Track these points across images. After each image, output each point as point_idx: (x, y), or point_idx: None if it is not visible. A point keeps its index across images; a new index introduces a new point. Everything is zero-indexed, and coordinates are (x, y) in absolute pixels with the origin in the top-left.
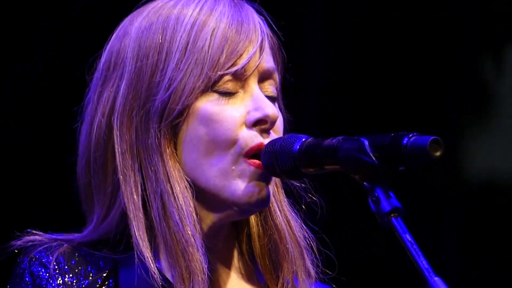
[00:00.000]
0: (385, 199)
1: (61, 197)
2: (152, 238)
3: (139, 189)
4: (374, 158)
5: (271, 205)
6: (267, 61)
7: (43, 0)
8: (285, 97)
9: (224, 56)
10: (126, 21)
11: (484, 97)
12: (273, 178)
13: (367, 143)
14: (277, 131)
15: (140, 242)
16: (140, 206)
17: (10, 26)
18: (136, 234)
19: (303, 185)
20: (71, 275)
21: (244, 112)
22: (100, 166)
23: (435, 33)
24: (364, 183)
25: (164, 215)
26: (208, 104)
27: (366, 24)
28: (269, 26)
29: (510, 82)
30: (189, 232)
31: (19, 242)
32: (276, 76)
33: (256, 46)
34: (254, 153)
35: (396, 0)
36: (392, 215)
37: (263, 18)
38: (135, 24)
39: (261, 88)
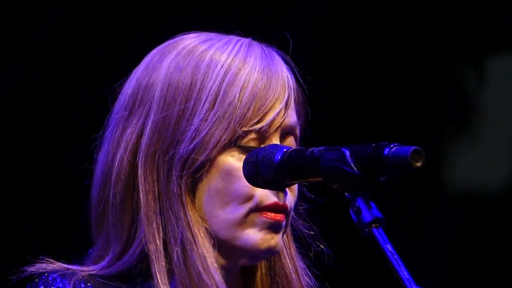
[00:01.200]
0: (366, 210)
1: (61, 197)
2: (172, 280)
3: (161, 231)
4: (355, 169)
5: (280, 252)
6: (291, 116)
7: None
8: None
9: (251, 112)
10: (156, 54)
11: (467, 108)
12: (286, 227)
13: (348, 154)
14: (293, 189)
15: (161, 285)
16: (162, 248)
17: (10, 26)
18: (158, 277)
19: (311, 232)
20: None
21: None
22: (119, 202)
23: (416, 44)
24: (345, 193)
25: (184, 262)
26: (231, 159)
27: (345, 40)
28: (295, 78)
29: (492, 93)
30: (214, 280)
31: (31, 269)
32: (297, 130)
33: (283, 103)
34: (267, 209)
35: (372, 14)
36: (373, 225)
37: (290, 70)
38: (165, 62)
39: (285, 139)
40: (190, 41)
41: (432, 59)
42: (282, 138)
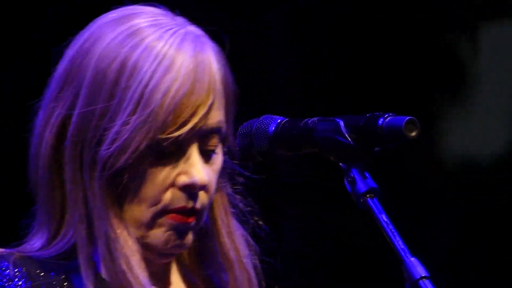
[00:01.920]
0: (361, 180)
1: None
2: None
3: (85, 222)
4: (349, 139)
5: (218, 232)
6: (214, 118)
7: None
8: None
9: (171, 119)
10: (94, 32)
11: (461, 77)
12: (197, 225)
13: (343, 124)
14: (210, 189)
15: (85, 274)
16: (86, 238)
17: (9, 25)
18: (82, 267)
19: (249, 208)
20: (27, 280)
21: (175, 174)
22: (47, 185)
23: (411, 12)
24: (340, 164)
25: (110, 257)
26: (146, 163)
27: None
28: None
29: (486, 61)
30: (138, 279)
31: None
32: (223, 127)
33: (206, 109)
34: (176, 211)
35: None
36: (367, 195)
37: (221, 61)
38: (101, 43)
39: (203, 144)
40: (132, 22)
41: (426, 27)
42: (202, 140)
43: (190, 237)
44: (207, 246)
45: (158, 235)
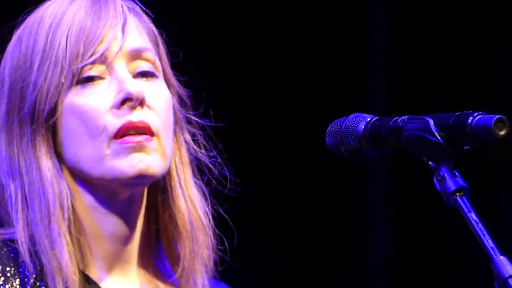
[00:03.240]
0: (451, 178)
1: None
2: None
3: (20, 195)
4: (439, 138)
5: (173, 186)
6: (133, 42)
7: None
8: None
9: (82, 47)
10: (20, 28)
11: None
12: (161, 146)
13: (432, 122)
14: (154, 107)
15: (22, 249)
16: (22, 213)
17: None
18: (19, 241)
19: (212, 159)
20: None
21: (112, 96)
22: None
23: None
24: (430, 162)
25: (40, 220)
26: (75, 97)
27: None
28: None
29: None
30: (55, 231)
31: None
32: (150, 53)
33: (116, 29)
34: (124, 132)
35: None
36: (457, 194)
37: (131, 5)
38: (15, 35)
39: (132, 68)
40: (38, 13)
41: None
42: (131, 62)
43: (154, 161)
44: (162, 202)
45: (118, 163)
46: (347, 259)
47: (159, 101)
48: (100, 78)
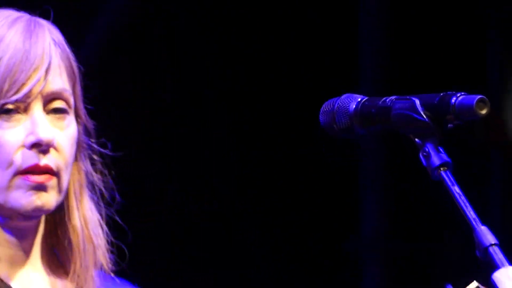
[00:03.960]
0: (435, 154)
1: None
2: None
3: None
4: (424, 116)
5: (70, 206)
6: (53, 84)
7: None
8: None
9: (7, 85)
10: None
11: None
12: (59, 184)
13: (418, 102)
14: (60, 149)
15: None
16: None
17: None
18: None
19: (106, 183)
20: None
21: (23, 135)
22: None
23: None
24: (416, 139)
25: None
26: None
27: None
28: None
29: None
30: None
31: None
32: (66, 93)
33: (41, 72)
34: (29, 171)
35: None
36: (441, 168)
37: (58, 38)
38: None
39: (47, 106)
40: None
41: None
42: (48, 103)
43: (51, 198)
44: (59, 219)
45: (18, 196)
46: (341, 230)
47: (65, 140)
48: (17, 112)
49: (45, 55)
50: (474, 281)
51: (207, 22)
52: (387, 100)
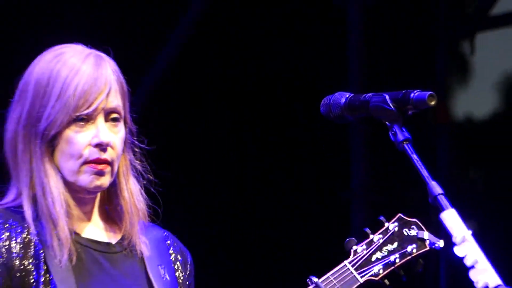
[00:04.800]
0: (400, 132)
1: None
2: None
3: (29, 179)
4: (392, 107)
5: (119, 182)
6: (112, 103)
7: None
8: None
9: (81, 102)
10: (35, 60)
11: (463, 65)
12: (112, 170)
13: (388, 97)
14: (114, 147)
15: (27, 211)
16: (30, 191)
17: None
18: (25, 207)
19: (144, 168)
20: (7, 226)
21: (90, 137)
22: (12, 156)
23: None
24: (386, 123)
25: (43, 197)
26: (70, 132)
27: None
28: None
29: (482, 57)
30: (57, 209)
31: None
32: (120, 108)
33: (104, 95)
34: (94, 161)
35: None
36: (404, 142)
37: (116, 69)
38: (36, 67)
39: (108, 117)
40: (55, 52)
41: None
42: (107, 116)
43: (106, 180)
44: (113, 191)
45: (85, 178)
46: (336, 184)
47: (118, 141)
48: (87, 121)
49: (107, 82)
50: (399, 214)
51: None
52: (367, 96)
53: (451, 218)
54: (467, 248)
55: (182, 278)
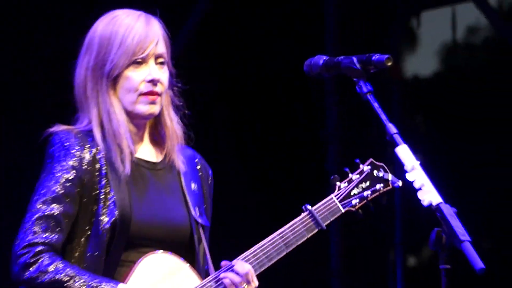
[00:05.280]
0: (365, 86)
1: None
2: (103, 133)
3: (96, 110)
4: (358, 66)
5: (163, 113)
6: (160, 49)
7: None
8: None
9: (137, 49)
10: (95, 23)
11: (412, 36)
12: (161, 101)
13: (355, 59)
14: (162, 83)
15: (96, 134)
16: (97, 119)
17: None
18: (95, 132)
19: (180, 103)
20: (82, 144)
21: (145, 75)
22: (82, 94)
23: None
24: (354, 79)
25: (110, 123)
26: (129, 71)
27: None
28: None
29: (426, 30)
30: (122, 131)
31: (51, 129)
32: (165, 54)
33: (154, 43)
34: (149, 93)
35: None
36: (368, 93)
37: (162, 27)
38: (100, 26)
39: (157, 60)
40: (114, 15)
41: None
42: (156, 59)
43: (157, 108)
44: (158, 120)
45: (141, 107)
46: (312, 127)
47: (164, 78)
48: (142, 63)
49: (155, 34)
50: (371, 159)
51: None
52: (339, 58)
53: (403, 151)
54: (416, 174)
55: (206, 189)
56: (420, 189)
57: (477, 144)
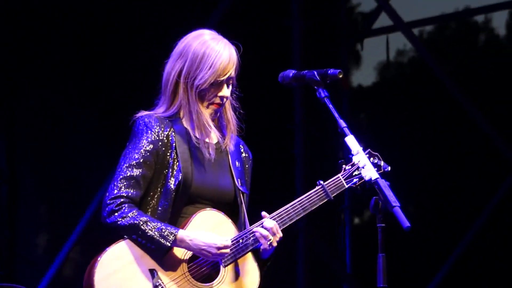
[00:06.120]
0: (323, 92)
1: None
2: (191, 123)
3: (181, 106)
4: (318, 78)
5: (226, 109)
6: (233, 73)
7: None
8: None
9: (220, 73)
10: (191, 36)
11: (357, 56)
12: (223, 107)
13: (316, 73)
14: (228, 97)
15: (185, 122)
16: (179, 110)
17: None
18: (184, 120)
19: (237, 105)
20: (160, 125)
21: (218, 91)
22: (170, 90)
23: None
24: (315, 87)
25: (195, 114)
26: (210, 87)
27: None
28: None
29: (367, 52)
30: (200, 120)
31: (137, 114)
32: (234, 78)
33: (232, 69)
34: (219, 104)
35: None
36: (325, 98)
37: (237, 52)
38: (193, 43)
39: (228, 81)
40: (205, 36)
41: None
42: (229, 80)
43: (220, 109)
44: (221, 114)
45: (209, 111)
46: (282, 118)
47: (229, 93)
48: (220, 83)
49: (234, 61)
50: (369, 149)
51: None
52: (303, 72)
53: (351, 141)
54: (360, 157)
55: (246, 168)
56: (363, 167)
57: (403, 134)
